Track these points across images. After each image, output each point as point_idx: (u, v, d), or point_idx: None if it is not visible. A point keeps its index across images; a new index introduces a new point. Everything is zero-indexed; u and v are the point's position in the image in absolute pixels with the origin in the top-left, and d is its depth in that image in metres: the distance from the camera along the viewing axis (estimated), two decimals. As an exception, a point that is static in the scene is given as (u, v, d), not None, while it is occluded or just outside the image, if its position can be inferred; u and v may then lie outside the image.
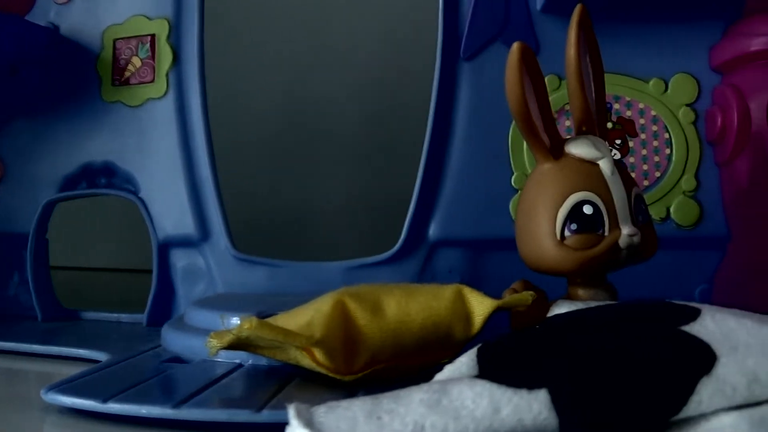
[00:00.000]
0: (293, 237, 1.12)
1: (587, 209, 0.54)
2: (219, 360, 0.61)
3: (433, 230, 0.77)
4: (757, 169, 0.78)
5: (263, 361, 0.59)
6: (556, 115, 0.79)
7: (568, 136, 0.58)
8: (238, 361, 0.60)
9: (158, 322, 0.76)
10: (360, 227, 1.09)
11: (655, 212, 0.79)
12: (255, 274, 0.79)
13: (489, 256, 0.76)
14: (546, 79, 0.75)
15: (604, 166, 0.55)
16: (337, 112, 1.12)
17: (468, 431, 0.36)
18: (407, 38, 1.14)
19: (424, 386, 0.39)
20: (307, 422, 0.36)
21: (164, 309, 0.84)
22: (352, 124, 1.12)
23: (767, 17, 0.79)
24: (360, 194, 1.10)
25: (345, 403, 0.38)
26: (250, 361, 0.60)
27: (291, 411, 0.37)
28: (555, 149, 0.56)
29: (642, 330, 0.45)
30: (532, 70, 0.54)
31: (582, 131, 0.59)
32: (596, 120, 0.59)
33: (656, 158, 0.80)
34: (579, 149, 0.56)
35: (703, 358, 0.41)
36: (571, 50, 0.57)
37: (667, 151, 0.80)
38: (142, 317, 0.84)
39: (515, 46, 0.52)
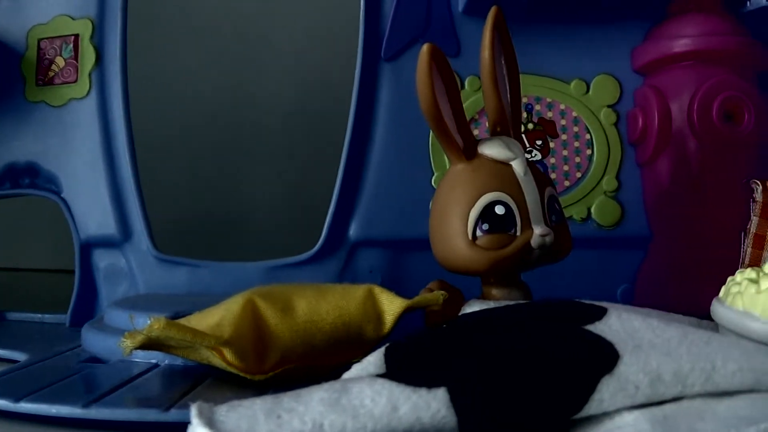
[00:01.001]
0: (220, 237, 1.12)
1: (499, 209, 0.54)
2: (136, 360, 0.60)
3: (353, 230, 0.77)
4: (677, 170, 0.79)
5: (179, 361, 0.59)
6: (477, 116, 0.79)
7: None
8: (154, 361, 0.60)
9: (81, 323, 0.75)
10: (287, 227, 1.08)
11: (576, 212, 0.79)
12: (176, 275, 0.78)
13: (410, 255, 0.77)
14: (467, 81, 0.76)
15: (517, 166, 0.56)
16: (263, 112, 1.12)
17: (366, 429, 0.36)
18: (335, 37, 1.14)
19: (326, 385, 0.39)
20: (208, 421, 0.36)
21: (87, 309, 0.83)
22: (278, 124, 1.12)
23: (689, 19, 0.80)
24: (287, 194, 1.10)
25: (247, 402, 0.38)
26: (166, 361, 0.60)
27: (193, 410, 0.37)
28: (468, 150, 0.56)
29: (545, 329, 0.45)
30: (443, 72, 0.54)
31: (497, 132, 0.59)
32: (511, 121, 0.60)
33: (577, 159, 0.80)
34: (492, 150, 0.56)
35: (606, 357, 0.41)
36: (486, 52, 0.58)
37: (588, 151, 0.81)
38: (65, 318, 0.83)
39: (425, 47, 0.53)
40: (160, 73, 1.23)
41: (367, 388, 0.38)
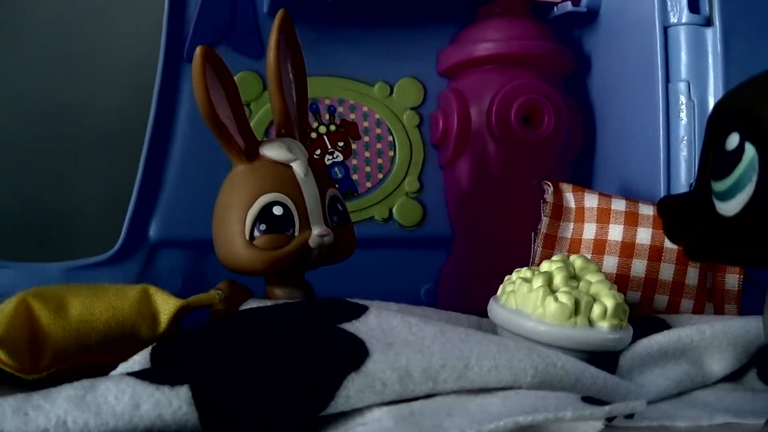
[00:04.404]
0: (42, 237, 1.10)
1: (277, 210, 0.55)
2: None
3: (153, 230, 0.76)
4: (476, 171, 0.81)
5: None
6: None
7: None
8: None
9: None
10: (110, 226, 1.07)
11: (378, 213, 0.81)
12: (-25, 275, 0.77)
13: (211, 255, 0.76)
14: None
15: (297, 168, 0.57)
16: (90, 111, 1.10)
17: (108, 426, 0.37)
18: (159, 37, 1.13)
19: (76, 383, 0.39)
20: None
21: None
22: (105, 123, 1.11)
23: (495, 23, 0.82)
24: (109, 193, 1.09)
25: (-1, 400, 0.38)
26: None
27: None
28: (249, 151, 0.57)
29: (299, 328, 0.46)
30: (221, 74, 0.55)
31: (281, 134, 0.60)
32: (296, 123, 0.61)
33: (379, 160, 0.82)
34: (272, 152, 0.57)
35: (354, 355, 0.42)
36: (271, 54, 0.59)
37: (391, 153, 0.82)
38: None
39: (198, 50, 0.53)
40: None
41: (112, 386, 0.39)
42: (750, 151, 0.35)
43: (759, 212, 0.34)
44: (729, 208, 0.36)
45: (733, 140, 0.36)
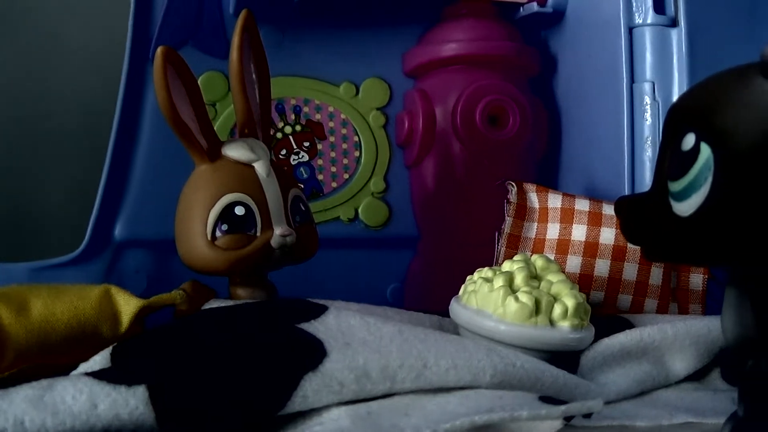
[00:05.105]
0: (7, 237, 1.10)
1: (239, 210, 0.55)
2: None
3: (119, 231, 0.76)
4: (441, 172, 0.81)
5: None
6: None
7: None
8: None
9: None
10: (75, 227, 1.07)
11: (344, 213, 0.81)
12: (-60, 275, 0.77)
13: (177, 256, 0.76)
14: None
15: (260, 168, 0.57)
16: (55, 111, 1.10)
17: (65, 426, 0.37)
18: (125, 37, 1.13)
19: (35, 383, 0.40)
20: None
21: None
22: (70, 122, 1.10)
23: (460, 24, 0.83)
24: (77, 192, 1.08)
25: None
26: None
27: None
28: (211, 151, 0.57)
29: (258, 327, 0.46)
30: (182, 75, 0.55)
31: (244, 134, 0.60)
32: (259, 123, 0.61)
33: (345, 161, 0.82)
34: (235, 152, 0.57)
35: (311, 355, 0.43)
36: (234, 54, 0.59)
37: (356, 153, 0.82)
38: None
39: (159, 51, 0.53)
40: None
41: (70, 386, 0.39)
42: (705, 151, 0.35)
43: (714, 212, 0.34)
44: (684, 208, 0.36)
45: (689, 141, 0.36)
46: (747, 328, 0.38)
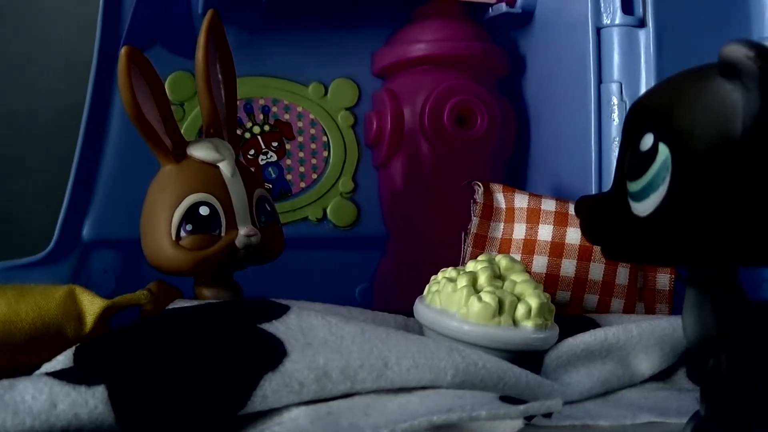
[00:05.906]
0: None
1: (203, 210, 0.55)
2: None
3: (87, 231, 0.76)
4: (410, 172, 0.81)
5: None
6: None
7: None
8: None
9: None
10: (43, 227, 1.06)
11: (312, 213, 0.81)
12: None
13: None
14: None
15: (225, 168, 0.57)
16: (23, 110, 1.09)
17: (25, 425, 0.37)
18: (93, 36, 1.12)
19: (-4, 383, 0.40)
20: None
21: None
22: (39, 122, 1.10)
23: (429, 24, 0.83)
24: (42, 194, 1.08)
25: None
26: None
27: None
28: (177, 151, 0.57)
29: (219, 327, 0.46)
30: (147, 74, 0.55)
31: (210, 134, 0.60)
32: (225, 123, 0.61)
33: (314, 161, 0.82)
34: (200, 152, 0.57)
35: (271, 355, 0.43)
36: (200, 54, 0.58)
37: (325, 153, 0.82)
38: None
39: (123, 50, 0.53)
40: None
41: (30, 386, 0.39)
42: (663, 151, 0.35)
43: (671, 212, 0.35)
44: (643, 208, 0.36)
45: (647, 141, 0.36)
46: (707, 327, 0.39)
